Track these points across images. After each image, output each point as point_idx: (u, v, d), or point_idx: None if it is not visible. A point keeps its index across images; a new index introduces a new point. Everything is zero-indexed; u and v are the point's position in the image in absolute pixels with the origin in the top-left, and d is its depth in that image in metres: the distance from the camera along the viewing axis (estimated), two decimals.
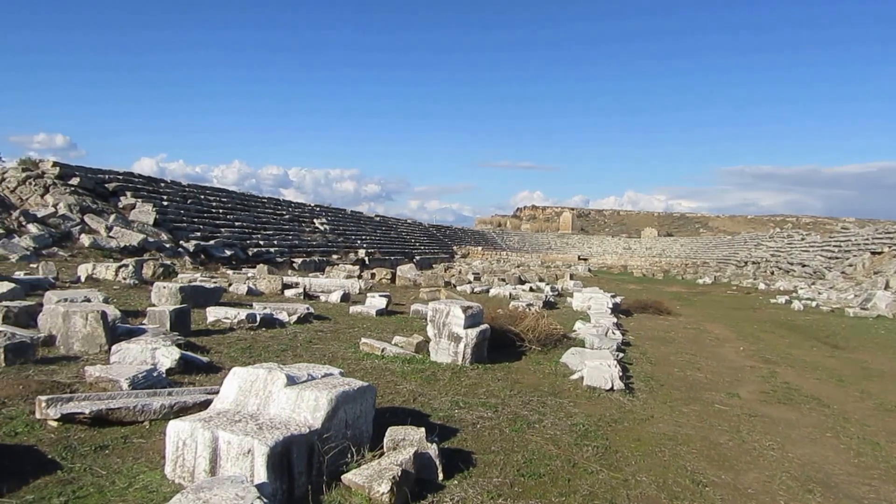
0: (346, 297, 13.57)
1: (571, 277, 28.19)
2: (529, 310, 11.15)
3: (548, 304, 15.52)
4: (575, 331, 10.87)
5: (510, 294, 17.69)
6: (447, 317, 7.89)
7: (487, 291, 18.92)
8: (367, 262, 31.35)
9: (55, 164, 26.21)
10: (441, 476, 4.21)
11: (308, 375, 4.38)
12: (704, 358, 10.11)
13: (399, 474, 3.80)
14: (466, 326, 7.84)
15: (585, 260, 53.59)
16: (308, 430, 3.83)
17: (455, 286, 20.18)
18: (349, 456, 4.08)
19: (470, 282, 22.11)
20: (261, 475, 3.48)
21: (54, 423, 4.41)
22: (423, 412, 5.67)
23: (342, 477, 3.87)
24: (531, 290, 19.96)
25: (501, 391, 6.71)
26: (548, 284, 22.72)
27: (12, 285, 9.26)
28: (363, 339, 8.40)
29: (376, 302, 12.38)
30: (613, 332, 10.72)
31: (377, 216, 54.42)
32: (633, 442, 5.45)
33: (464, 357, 7.79)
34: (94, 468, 3.84)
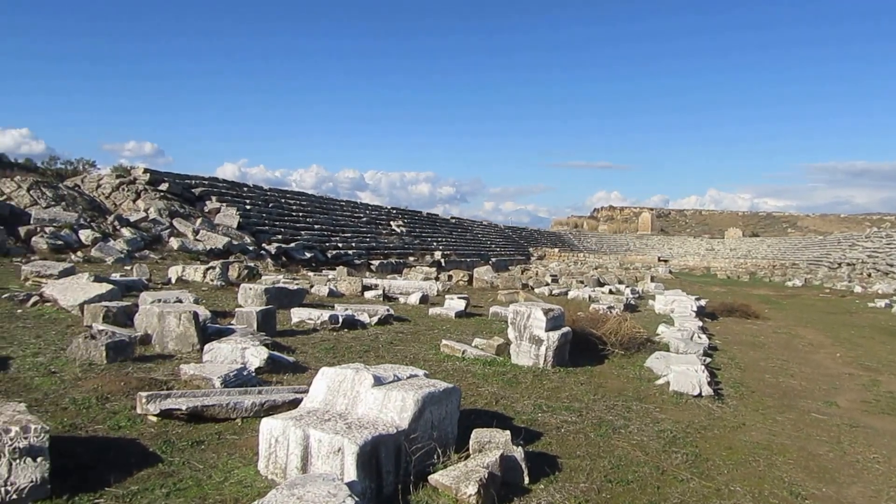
0: (424, 299, 13.66)
1: (652, 279, 27.52)
2: (610, 312, 10.94)
3: (629, 307, 15.18)
4: (658, 334, 10.58)
5: (589, 296, 17.40)
6: (528, 319, 7.82)
7: (566, 294, 18.67)
8: (443, 264, 31.50)
9: (146, 171, 27.49)
10: (527, 479, 4.15)
11: (394, 376, 4.40)
12: (798, 364, 9.65)
13: (486, 476, 3.77)
14: (548, 329, 7.75)
15: (666, 261, 52.22)
16: (395, 431, 3.85)
17: (533, 288, 20.02)
18: (435, 457, 4.08)
19: (548, 284, 21.89)
20: (351, 473, 3.51)
21: (154, 418, 4.59)
22: (506, 415, 5.62)
23: (429, 477, 3.87)
24: (611, 292, 19.59)
25: (585, 395, 6.59)
26: (628, 287, 22.25)
27: (110, 286, 9.72)
28: (443, 341, 8.42)
29: (455, 304, 12.40)
30: (699, 336, 10.39)
31: (453, 218, 54.65)
32: (725, 450, 5.24)
33: (545, 360, 7.69)
34: (191, 462, 3.97)
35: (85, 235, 19.19)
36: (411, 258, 32.72)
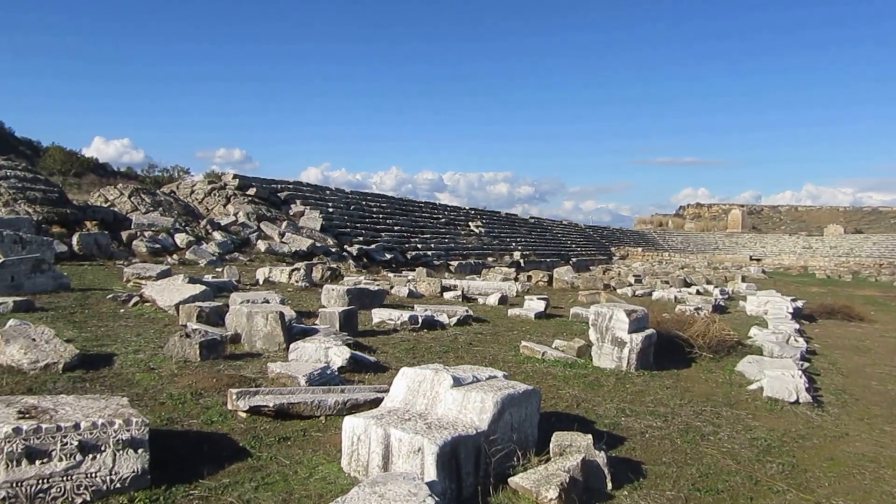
0: (503, 300, 13.64)
1: (743, 279, 26.54)
2: (698, 314, 10.62)
3: (718, 309, 14.68)
4: (750, 337, 10.19)
5: (675, 297, 16.94)
6: (610, 321, 7.69)
7: (650, 294, 18.25)
8: (522, 265, 31.35)
9: (235, 177, 28.62)
10: (610, 485, 4.09)
11: (473, 377, 4.43)
12: None
13: (567, 481, 3.74)
14: (631, 331, 7.60)
15: (758, 261, 50.21)
16: (475, 432, 3.87)
17: (615, 289, 19.67)
18: (515, 459, 4.07)
19: (630, 284, 21.45)
20: (430, 473, 3.56)
21: (243, 414, 4.78)
22: (587, 418, 5.55)
23: (509, 480, 3.87)
24: (698, 293, 18.99)
25: (670, 400, 6.43)
26: (716, 287, 21.52)
27: (203, 287, 10.16)
28: (523, 343, 8.39)
29: (534, 305, 12.33)
30: (795, 340, 9.94)
31: (531, 218, 54.28)
32: (825, 461, 4.99)
33: (628, 363, 7.55)
34: (278, 458, 4.11)
35: (180, 239, 20.13)
36: (490, 259, 32.71)
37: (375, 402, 4.97)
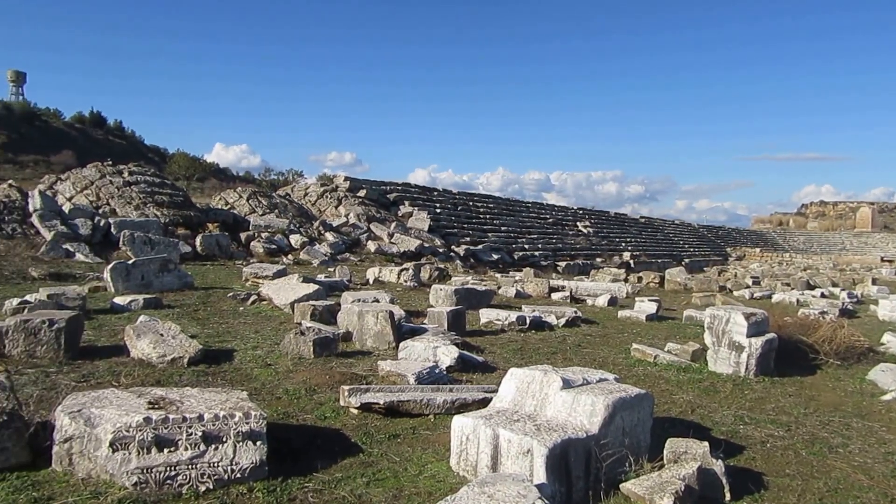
0: (612, 301, 13.32)
1: (874, 282, 24.68)
2: (823, 318, 9.97)
3: (845, 313, 13.72)
4: (884, 344, 9.45)
5: (797, 300, 15.99)
6: (727, 324, 7.34)
7: (769, 297, 17.32)
8: (632, 265, 30.55)
9: (346, 179, 29.48)
10: (728, 496, 3.89)
11: (583, 379, 4.33)
12: None
13: (682, 489, 3.59)
14: (749, 335, 7.22)
15: (891, 262, 46.57)
16: (585, 435, 3.78)
17: (731, 291, 18.81)
18: (626, 465, 3.95)
19: (748, 286, 20.43)
20: (540, 475, 3.51)
21: (355, 411, 4.89)
22: (703, 425, 5.32)
23: (620, 486, 3.76)
24: (822, 296, 17.83)
25: (793, 408, 6.05)
26: (843, 290, 20.14)
27: (316, 287, 10.52)
28: (634, 345, 8.15)
29: (646, 306, 11.97)
30: None
31: (642, 217, 52.83)
32: None
33: (747, 368, 7.18)
34: (388, 454, 4.18)
35: (294, 240, 20.94)
36: (598, 259, 32.08)
37: (484, 402, 4.96)
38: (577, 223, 40.89)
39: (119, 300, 9.42)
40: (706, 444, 4.11)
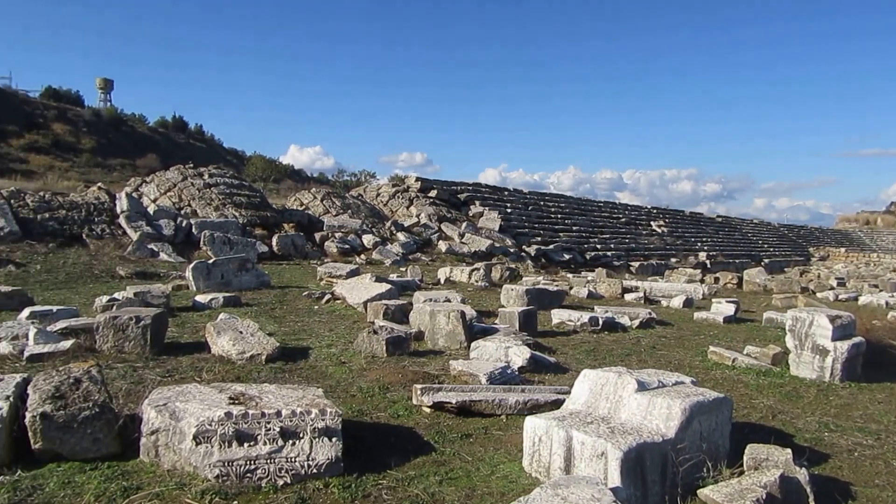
0: (688, 303, 12.98)
1: None
2: None
3: None
4: None
5: (886, 303, 15.19)
6: (810, 327, 7.05)
7: (855, 299, 16.52)
8: (708, 266, 29.69)
9: (417, 179, 29.71)
10: None
11: (658, 382, 4.25)
12: None
13: (763, 497, 3.47)
14: (835, 338, 6.91)
15: None
16: (661, 439, 3.71)
17: (814, 292, 18.03)
18: (704, 470, 3.84)
19: (832, 288, 19.55)
20: (614, 479, 3.46)
21: (427, 410, 4.94)
22: (785, 431, 5.12)
23: (698, 492, 3.66)
24: None
25: (884, 416, 5.75)
26: None
27: (389, 286, 10.66)
28: (711, 348, 7.92)
29: (723, 308, 11.61)
30: None
31: (718, 217, 51.22)
32: None
33: (832, 373, 6.87)
34: (461, 453, 4.20)
35: (367, 240, 21.26)
36: (673, 259, 31.31)
37: (556, 404, 4.92)
38: (651, 223, 40.01)
39: (200, 298, 9.79)
40: (789, 451, 3.96)
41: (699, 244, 38.47)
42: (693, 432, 3.88)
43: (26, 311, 7.72)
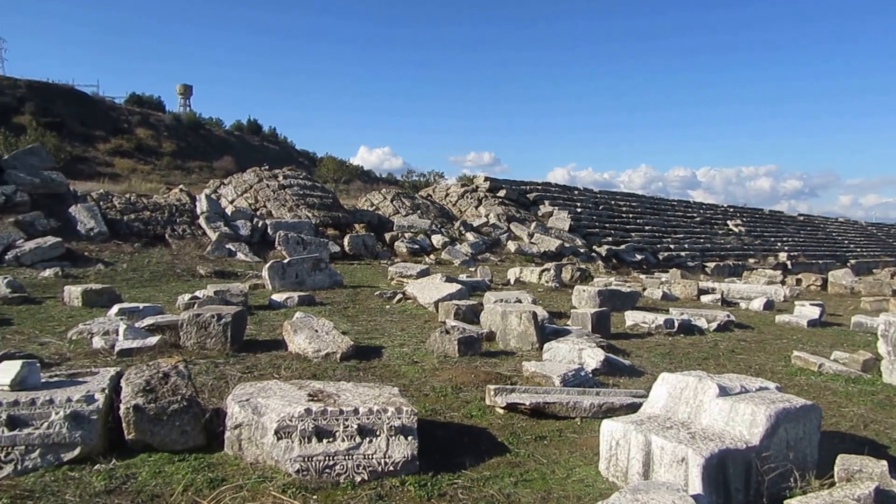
0: (769, 305, 12.52)
1: None
2: None
3: None
4: None
5: None
6: None
7: None
8: (789, 267, 28.59)
9: (486, 179, 29.70)
10: None
11: (741, 387, 4.10)
12: None
13: None
14: None
15: None
16: (745, 446, 3.58)
17: None
18: (791, 480, 3.69)
19: None
20: (695, 486, 3.36)
21: (500, 411, 4.92)
22: (878, 442, 4.87)
23: (784, 502, 3.52)
24: None
25: None
26: None
27: (459, 286, 10.68)
28: (794, 353, 7.61)
29: (807, 311, 11.14)
30: None
31: (800, 215, 49.26)
32: None
33: None
34: (535, 455, 4.16)
35: (436, 240, 21.37)
36: (751, 260, 30.28)
37: (632, 407, 4.83)
38: (728, 222, 38.80)
39: (276, 297, 10.05)
40: (884, 462, 3.76)
41: (779, 244, 37.08)
42: (779, 440, 3.73)
43: (115, 308, 8.10)
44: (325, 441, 3.63)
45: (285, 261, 12.33)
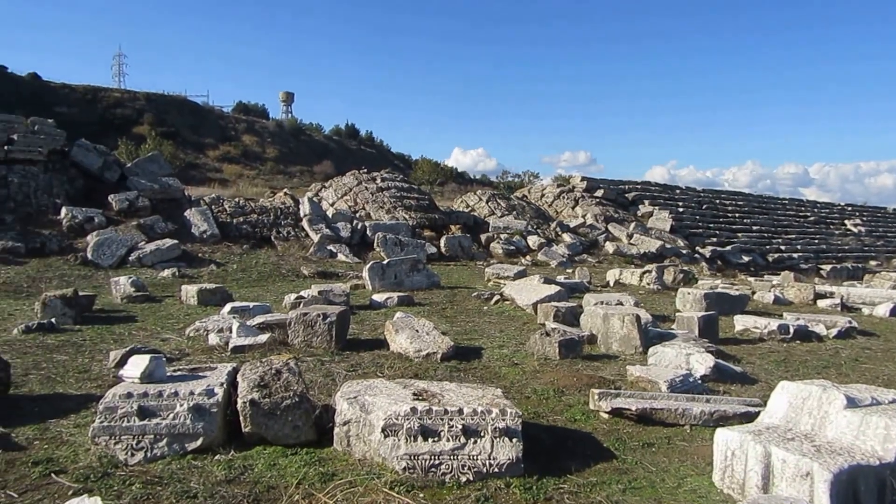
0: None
1: None
2: None
3: None
4: None
5: None
6: None
7: None
8: None
9: (582, 179, 29.25)
10: None
11: (872, 399, 3.81)
12: None
13: None
14: None
15: None
16: (877, 462, 3.32)
17: None
18: None
19: None
20: (822, 502, 3.14)
21: (605, 415, 4.78)
22: None
23: None
24: None
25: None
26: None
27: (558, 288, 10.52)
28: None
29: None
30: None
31: None
32: None
33: None
34: (643, 463, 4.01)
35: (532, 241, 21.21)
36: (873, 262, 28.35)
37: (746, 416, 4.60)
38: (845, 221, 36.52)
39: (376, 297, 10.23)
40: None
41: None
42: None
43: (228, 307, 8.48)
44: (430, 440, 3.63)
45: (384, 262, 12.55)
